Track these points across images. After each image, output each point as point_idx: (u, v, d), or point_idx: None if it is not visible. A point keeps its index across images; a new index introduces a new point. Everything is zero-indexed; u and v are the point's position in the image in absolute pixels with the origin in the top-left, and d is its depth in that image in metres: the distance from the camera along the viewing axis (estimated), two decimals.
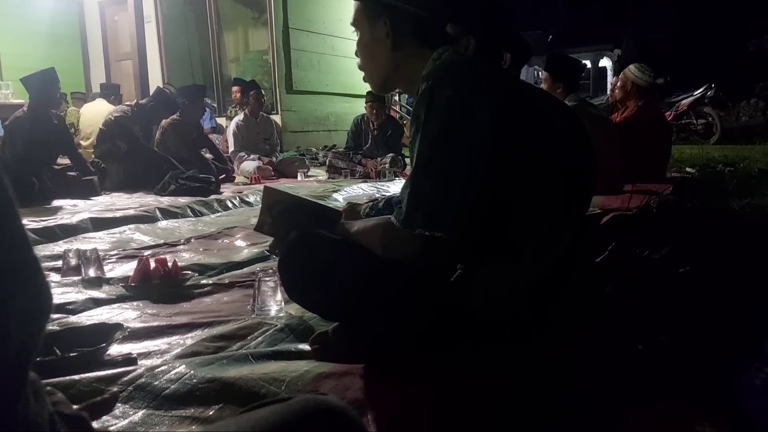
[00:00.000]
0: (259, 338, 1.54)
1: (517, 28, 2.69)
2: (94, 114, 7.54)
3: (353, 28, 1.50)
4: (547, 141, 1.32)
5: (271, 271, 1.86)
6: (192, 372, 1.24)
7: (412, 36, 1.40)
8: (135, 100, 6.21)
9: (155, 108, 5.80)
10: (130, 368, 1.28)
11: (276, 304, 1.80)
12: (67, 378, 1.22)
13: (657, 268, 1.95)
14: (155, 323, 1.70)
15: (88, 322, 1.74)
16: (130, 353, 1.47)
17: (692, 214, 2.96)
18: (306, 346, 1.46)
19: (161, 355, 1.46)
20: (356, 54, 1.52)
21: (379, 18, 1.41)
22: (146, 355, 1.47)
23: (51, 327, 1.70)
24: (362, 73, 1.52)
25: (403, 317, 1.32)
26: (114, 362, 1.41)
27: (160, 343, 1.55)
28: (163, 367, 1.27)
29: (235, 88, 8.10)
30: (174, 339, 1.58)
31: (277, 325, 1.60)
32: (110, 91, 8.29)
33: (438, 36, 1.40)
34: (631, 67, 4.82)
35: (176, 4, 10.10)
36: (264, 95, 7.52)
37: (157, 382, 1.22)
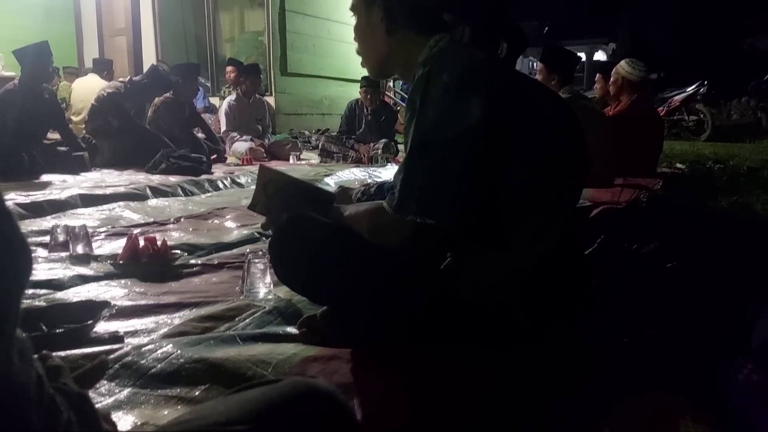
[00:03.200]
0: (247, 320, 1.54)
1: (513, 18, 2.68)
2: (86, 89, 7.45)
3: (351, 13, 1.50)
4: (540, 132, 1.33)
5: (261, 252, 1.86)
6: (179, 352, 1.24)
7: (407, 22, 1.40)
8: (129, 77, 6.15)
9: (149, 86, 5.74)
10: (117, 346, 1.27)
11: (265, 286, 1.80)
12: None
13: (645, 262, 1.97)
14: (143, 302, 1.69)
15: (75, 299, 1.74)
16: (117, 331, 1.46)
17: (680, 210, 2.98)
18: (294, 330, 1.46)
19: (148, 334, 1.45)
20: (354, 39, 1.52)
21: (374, 3, 1.41)
22: (133, 333, 1.47)
23: (37, 303, 1.69)
24: (358, 58, 1.52)
25: (392, 303, 1.32)
26: (100, 340, 1.41)
27: (147, 322, 1.54)
28: (150, 346, 1.27)
29: (229, 68, 8.02)
30: (161, 318, 1.57)
31: (265, 308, 1.60)
32: (103, 67, 8.19)
33: (433, 23, 1.40)
34: (622, 62, 4.83)
35: None
36: (262, 79, 7.47)
37: (143, 361, 1.22)
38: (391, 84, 10.94)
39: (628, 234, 2.31)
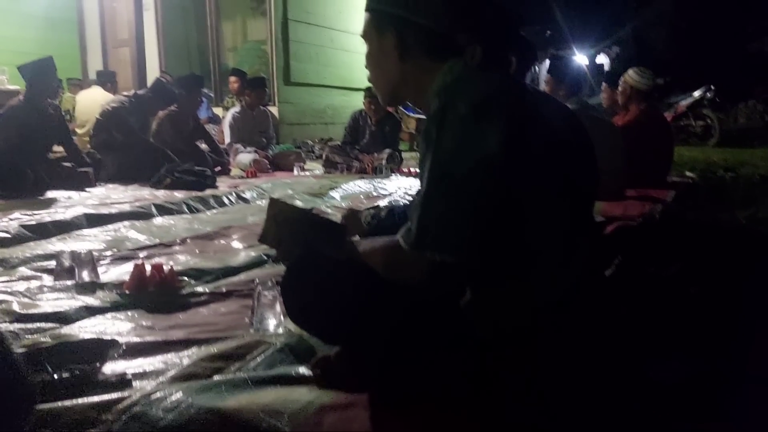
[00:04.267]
0: (258, 358, 1.49)
1: (521, 32, 2.63)
2: (90, 101, 7.45)
3: (363, 40, 1.46)
4: (557, 157, 1.28)
5: (270, 283, 1.81)
6: (190, 400, 1.19)
7: (421, 48, 1.35)
8: (133, 91, 6.12)
9: (153, 99, 5.72)
10: (125, 393, 1.22)
11: (275, 318, 1.76)
12: (60, 404, 1.17)
13: (666, 287, 1.91)
14: (150, 338, 1.65)
15: (81, 334, 1.69)
16: (125, 373, 1.41)
17: (698, 227, 2.92)
18: (307, 370, 1.41)
19: (156, 377, 1.41)
20: (366, 66, 1.47)
21: (387, 29, 1.37)
22: (141, 375, 1.42)
23: (43, 339, 1.65)
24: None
25: (410, 345, 1.27)
26: (108, 384, 1.36)
27: (155, 362, 1.50)
28: (159, 394, 1.22)
29: (232, 79, 8.02)
30: (170, 357, 1.52)
31: (276, 344, 1.56)
32: (106, 78, 8.18)
33: (447, 48, 1.36)
34: (630, 71, 4.77)
35: None
36: (268, 92, 7.44)
37: (153, 411, 1.17)
38: None
39: (646, 254, 2.25)
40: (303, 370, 1.42)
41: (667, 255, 2.23)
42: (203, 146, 6.26)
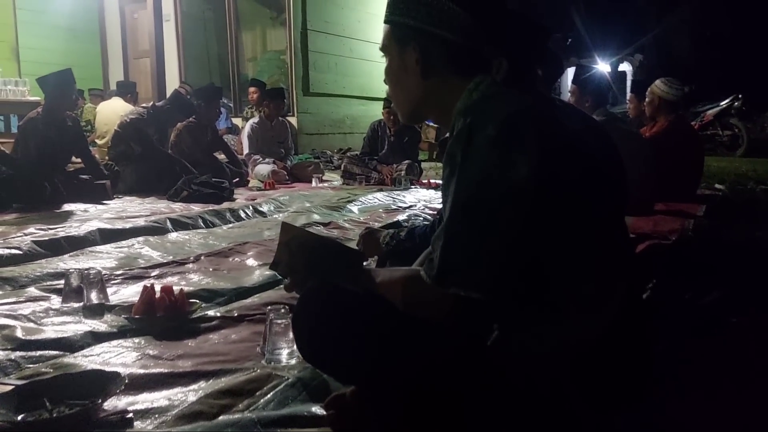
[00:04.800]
0: (269, 395, 1.39)
1: (547, 44, 2.53)
2: (110, 112, 7.47)
3: (382, 54, 1.36)
4: (591, 183, 1.17)
5: (282, 310, 1.72)
6: None
7: (444, 63, 1.26)
8: (151, 102, 6.11)
9: (171, 111, 5.69)
10: None
11: (287, 346, 1.66)
12: None
13: (706, 316, 1.78)
14: (156, 369, 1.56)
15: (85, 364, 1.61)
16: (126, 410, 1.33)
17: (736, 247, 2.77)
18: (320, 410, 1.31)
19: (160, 415, 1.32)
20: (385, 81, 1.38)
21: (408, 43, 1.27)
22: (143, 413, 1.33)
23: (44, 369, 1.57)
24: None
25: (431, 385, 1.17)
26: (108, 423, 1.27)
27: (159, 398, 1.41)
28: None
29: (252, 89, 8.00)
30: (175, 392, 1.43)
31: (288, 379, 1.46)
32: (126, 90, 8.21)
33: (472, 62, 1.26)
34: (658, 82, 4.63)
35: (195, 3, 10.03)
36: (287, 103, 7.40)
37: None
38: None
39: (681, 277, 2.12)
40: (316, 409, 1.32)
41: (704, 279, 2.10)
42: (222, 157, 6.23)
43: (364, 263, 1.37)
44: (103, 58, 10.48)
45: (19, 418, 1.27)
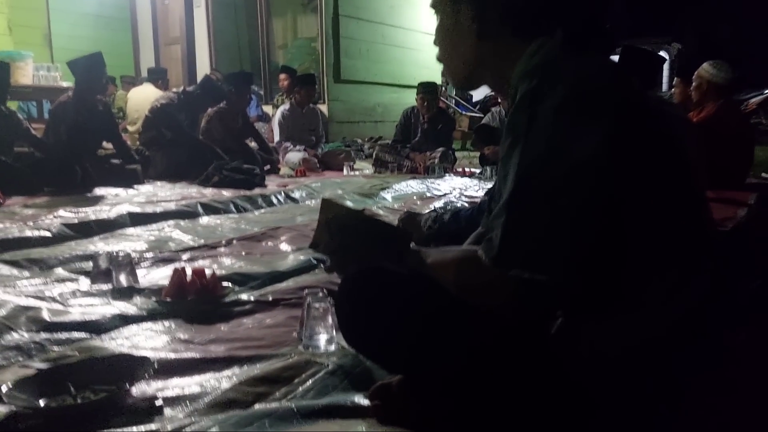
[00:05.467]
0: (308, 383, 1.29)
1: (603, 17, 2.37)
2: (141, 99, 7.45)
3: (432, 11, 1.23)
4: (669, 157, 1.04)
5: (321, 294, 1.61)
6: None
7: (503, 23, 1.12)
8: (182, 87, 6.05)
9: (202, 96, 5.63)
10: (152, 427, 1.03)
11: (326, 332, 1.55)
12: None
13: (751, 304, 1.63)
14: (187, 354, 1.46)
15: (112, 347, 1.52)
16: (155, 397, 1.23)
17: None
18: (364, 400, 1.20)
19: (191, 403, 1.22)
20: (435, 42, 1.25)
21: (464, 0, 1.14)
22: (174, 400, 1.24)
23: (69, 353, 1.49)
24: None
25: (486, 376, 1.05)
26: (135, 410, 1.18)
27: (191, 384, 1.31)
28: (191, 428, 1.03)
29: (282, 76, 7.92)
30: (207, 378, 1.34)
31: (328, 366, 1.35)
32: (158, 76, 8.19)
33: (532, 23, 1.12)
34: (705, 65, 4.42)
35: None
36: (318, 90, 7.31)
37: None
38: (444, 89, 10.66)
39: (740, 266, 1.96)
40: (359, 399, 1.21)
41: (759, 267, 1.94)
42: (252, 144, 6.16)
43: (411, 247, 1.24)
44: (134, 45, 10.49)
45: (42, 403, 1.19)
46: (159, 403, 1.21)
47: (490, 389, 1.05)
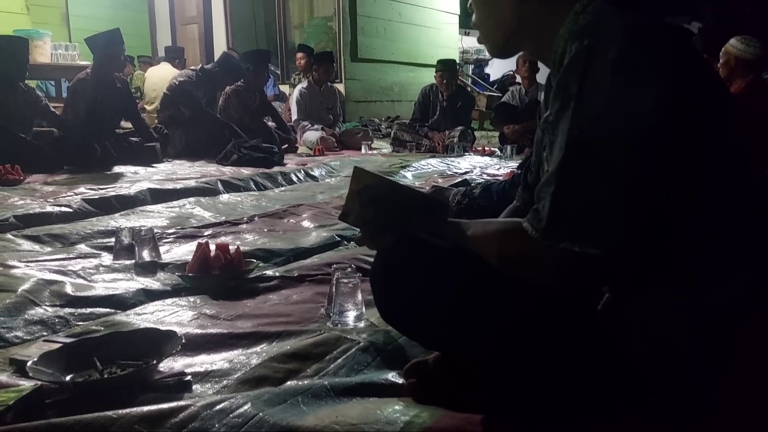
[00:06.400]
0: (339, 359, 1.24)
1: None
2: (159, 78, 7.42)
3: None
4: (729, 120, 0.97)
5: (349, 270, 1.57)
6: (261, 415, 0.96)
7: None
8: (200, 65, 6.00)
9: (220, 74, 5.58)
10: (182, 403, 1.00)
11: (355, 308, 1.51)
12: (103, 415, 0.95)
13: None
14: (214, 330, 1.43)
15: (138, 323, 1.49)
16: (183, 373, 1.20)
17: None
18: (398, 378, 1.15)
19: (220, 379, 1.18)
20: (469, 7, 1.18)
21: None
22: (202, 376, 1.20)
23: (94, 327, 1.46)
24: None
25: (530, 353, 1.00)
26: (164, 386, 1.15)
27: (219, 360, 1.27)
28: (223, 404, 0.99)
29: (299, 55, 7.85)
30: (236, 354, 1.30)
31: (359, 342, 1.31)
32: (175, 55, 8.16)
33: None
34: (733, 41, 4.29)
35: None
36: (335, 68, 7.24)
37: (216, 428, 0.94)
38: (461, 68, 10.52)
39: None
40: (393, 377, 1.17)
41: None
42: (270, 123, 6.12)
43: (448, 218, 1.19)
44: (151, 26, 10.44)
45: (68, 378, 1.16)
46: (188, 378, 1.18)
47: (533, 367, 1.01)
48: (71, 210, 2.77)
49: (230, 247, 1.91)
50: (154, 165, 4.65)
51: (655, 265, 0.94)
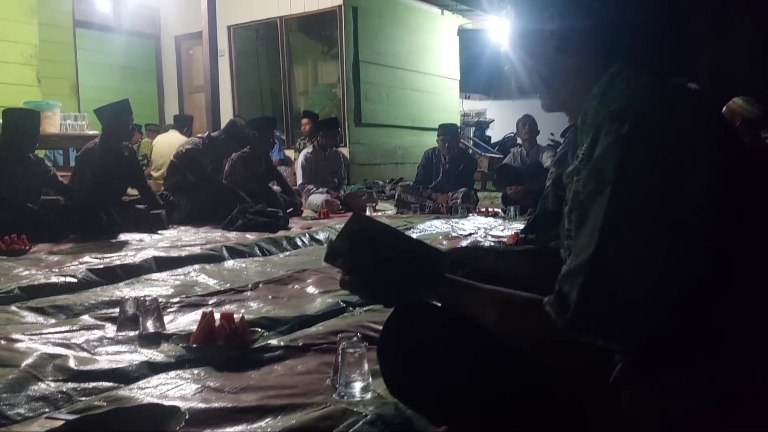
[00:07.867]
0: None
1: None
2: (167, 145, 7.54)
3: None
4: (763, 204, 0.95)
5: (355, 339, 1.55)
6: None
7: (586, 42, 1.03)
8: (207, 132, 6.12)
9: (226, 141, 5.67)
10: None
11: (361, 379, 1.48)
12: None
13: None
14: (218, 404, 1.40)
15: (141, 397, 1.47)
16: None
17: None
18: None
19: None
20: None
21: (546, 8, 1.04)
22: None
23: (97, 403, 1.43)
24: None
25: (543, 429, 0.98)
26: None
27: None
28: None
29: (304, 120, 8.01)
30: (241, 430, 1.27)
31: (366, 415, 1.28)
32: (183, 123, 8.31)
33: (616, 46, 1.01)
34: (737, 100, 4.37)
35: (249, 39, 10.19)
36: (340, 133, 7.38)
37: None
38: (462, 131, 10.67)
39: None
40: None
41: None
42: (275, 188, 6.18)
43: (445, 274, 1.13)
44: (159, 95, 10.71)
45: None
46: None
47: None
48: (76, 280, 2.77)
49: (235, 316, 1.89)
50: (159, 232, 4.67)
51: (673, 339, 0.91)
